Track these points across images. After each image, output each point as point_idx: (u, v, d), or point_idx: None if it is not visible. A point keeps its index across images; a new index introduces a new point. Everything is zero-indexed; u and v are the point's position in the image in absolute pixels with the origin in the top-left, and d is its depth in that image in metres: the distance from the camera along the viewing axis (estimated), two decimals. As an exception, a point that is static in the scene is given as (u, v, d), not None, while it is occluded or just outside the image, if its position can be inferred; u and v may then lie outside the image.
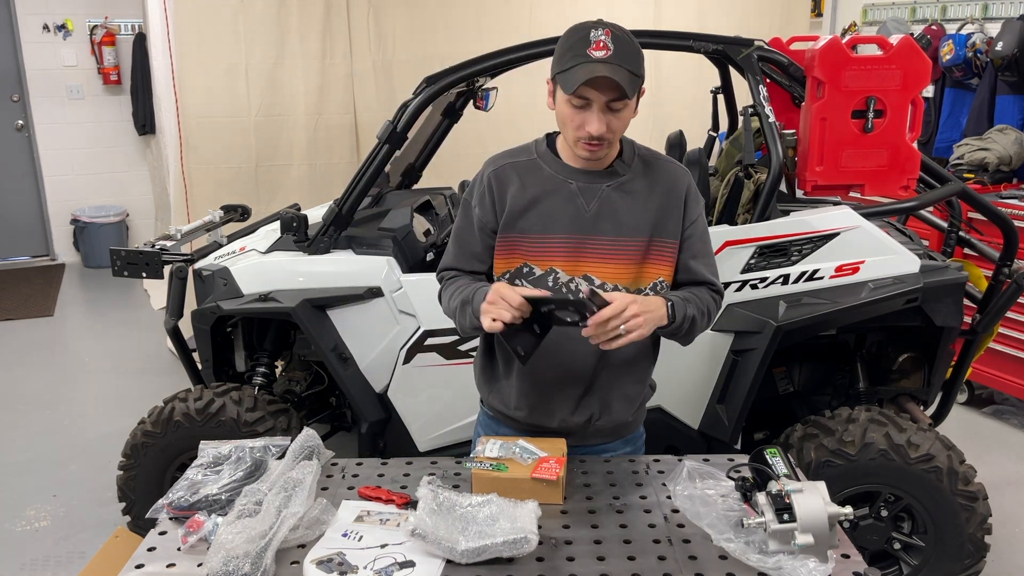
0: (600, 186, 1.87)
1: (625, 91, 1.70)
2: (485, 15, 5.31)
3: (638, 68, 1.74)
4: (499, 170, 1.91)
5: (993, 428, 4.36)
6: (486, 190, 1.91)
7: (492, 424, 2.09)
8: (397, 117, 2.93)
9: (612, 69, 1.70)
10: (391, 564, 1.55)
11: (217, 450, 1.90)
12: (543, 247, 1.87)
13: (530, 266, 1.89)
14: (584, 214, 1.86)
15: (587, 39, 1.73)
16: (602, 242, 1.86)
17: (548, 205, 1.87)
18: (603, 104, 1.74)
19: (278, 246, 3.11)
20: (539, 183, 1.88)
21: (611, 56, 1.71)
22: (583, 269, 1.88)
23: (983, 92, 5.43)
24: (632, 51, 1.74)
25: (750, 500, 1.69)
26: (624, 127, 1.81)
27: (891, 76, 2.70)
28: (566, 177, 1.88)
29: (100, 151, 7.61)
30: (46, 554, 3.30)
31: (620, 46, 1.72)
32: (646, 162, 1.91)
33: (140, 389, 4.77)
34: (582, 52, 1.72)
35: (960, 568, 2.68)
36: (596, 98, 1.73)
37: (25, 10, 7.21)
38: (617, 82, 1.69)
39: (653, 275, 1.90)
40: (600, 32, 1.73)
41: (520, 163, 1.92)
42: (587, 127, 1.76)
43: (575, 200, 1.87)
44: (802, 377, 3.16)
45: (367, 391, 3.01)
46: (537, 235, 1.87)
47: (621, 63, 1.71)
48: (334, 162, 5.19)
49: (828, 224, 2.74)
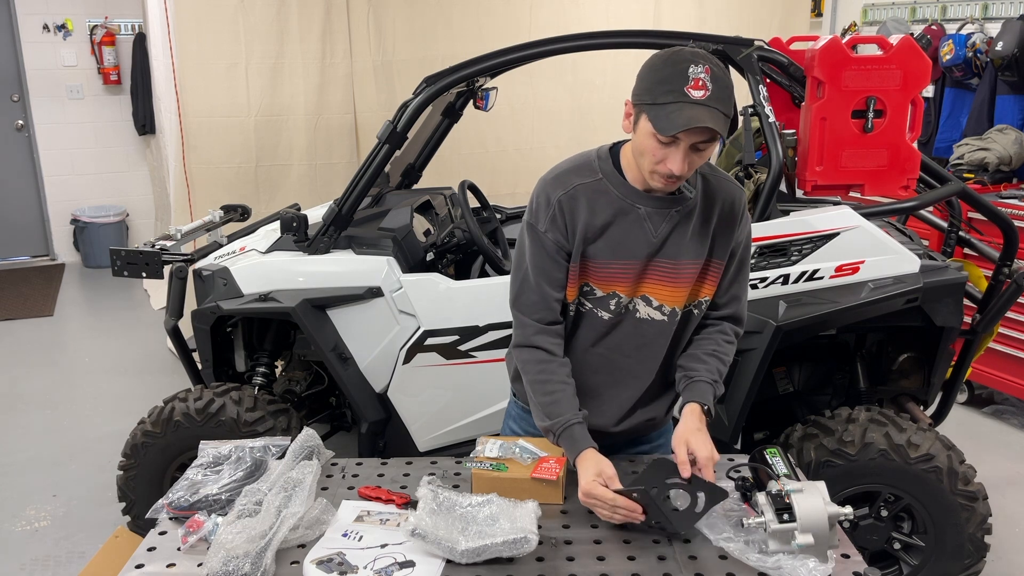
0: (669, 211, 1.81)
1: (721, 136, 1.66)
2: (485, 15, 5.30)
3: (730, 108, 1.68)
4: (569, 192, 1.82)
5: (993, 428, 4.36)
6: (557, 213, 1.81)
7: (526, 415, 2.07)
8: (397, 117, 2.93)
9: (711, 114, 1.62)
10: (391, 564, 1.55)
11: (217, 450, 1.90)
12: (608, 271, 1.85)
13: (591, 286, 1.87)
14: (651, 239, 1.82)
15: (685, 75, 1.63)
16: (664, 265, 1.84)
17: (617, 231, 1.82)
18: (689, 144, 1.67)
19: (278, 246, 3.11)
20: (608, 207, 1.81)
21: (709, 98, 1.62)
22: (642, 291, 1.86)
23: (983, 92, 5.43)
24: (727, 92, 1.66)
25: (750, 500, 1.69)
26: (704, 163, 1.77)
27: (891, 76, 2.70)
28: (634, 201, 1.81)
29: (100, 151, 7.61)
30: (46, 554, 3.30)
31: (717, 86, 1.64)
32: (706, 180, 1.86)
33: (140, 389, 4.77)
34: (679, 89, 1.62)
35: (960, 568, 2.68)
36: (686, 139, 1.66)
37: (25, 10, 7.21)
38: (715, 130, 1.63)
39: (702, 295, 1.91)
40: (700, 69, 1.63)
41: (588, 185, 1.82)
42: (669, 164, 1.68)
43: (643, 225, 1.82)
44: (802, 377, 3.16)
45: (367, 391, 3.01)
46: (603, 260, 1.84)
47: (717, 106, 1.63)
48: (334, 162, 5.19)
49: (828, 224, 2.74)
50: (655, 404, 2.01)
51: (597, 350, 1.92)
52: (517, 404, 2.12)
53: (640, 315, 1.88)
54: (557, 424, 1.81)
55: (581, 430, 1.81)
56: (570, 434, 1.80)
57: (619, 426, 1.98)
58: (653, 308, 1.87)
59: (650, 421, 2.03)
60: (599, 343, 1.91)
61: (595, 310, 1.88)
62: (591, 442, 1.79)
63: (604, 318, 1.88)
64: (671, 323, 1.89)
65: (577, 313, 1.90)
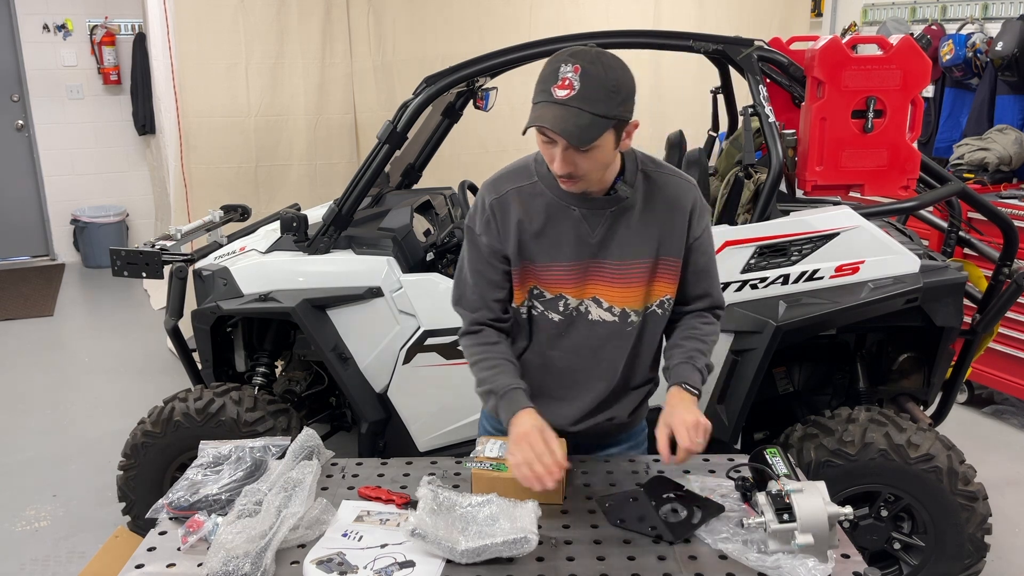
0: (604, 212, 1.81)
1: (573, 144, 1.61)
2: (485, 15, 5.30)
3: (608, 108, 1.61)
4: (502, 198, 1.83)
5: (993, 428, 4.36)
6: (490, 217, 1.84)
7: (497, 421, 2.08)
8: (397, 117, 2.93)
9: (562, 115, 1.59)
10: (391, 564, 1.55)
11: (217, 450, 1.90)
12: (551, 273, 1.85)
13: (539, 288, 1.88)
14: (589, 240, 1.82)
15: (556, 74, 1.61)
16: (608, 266, 1.84)
17: (554, 233, 1.83)
18: (566, 145, 1.64)
19: (278, 246, 3.11)
20: (543, 210, 1.82)
21: (572, 97, 1.59)
22: (590, 293, 1.86)
23: (983, 92, 5.43)
24: (602, 90, 1.61)
25: (750, 500, 1.69)
26: (599, 165, 1.71)
27: (891, 76, 2.70)
28: (569, 203, 1.81)
29: (100, 151, 7.61)
30: (46, 554, 3.29)
31: (587, 84, 1.59)
32: (649, 178, 1.84)
33: (140, 389, 4.77)
34: (547, 88, 1.62)
35: (960, 568, 2.68)
36: (556, 138, 1.64)
37: (25, 10, 7.21)
38: (559, 133, 1.60)
39: (660, 294, 1.89)
40: (569, 68, 1.60)
41: (523, 188, 1.83)
42: (553, 164, 1.69)
43: (579, 226, 1.82)
44: (802, 377, 3.16)
45: (367, 391, 3.01)
46: (544, 263, 1.84)
47: (583, 106, 1.59)
48: (334, 162, 5.19)
49: (828, 224, 2.74)
50: (617, 405, 2.00)
51: (555, 352, 1.92)
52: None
53: (592, 317, 1.88)
54: (499, 386, 1.81)
55: (522, 395, 1.80)
56: (511, 397, 1.79)
57: (577, 426, 1.97)
58: (604, 310, 1.87)
59: (610, 421, 2.01)
60: (556, 345, 1.92)
61: (546, 312, 1.89)
62: (530, 405, 1.79)
63: (555, 320, 1.89)
64: (623, 325, 1.88)
65: (530, 316, 1.91)
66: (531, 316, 1.91)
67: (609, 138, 1.66)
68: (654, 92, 5.74)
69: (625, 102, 1.65)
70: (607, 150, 1.68)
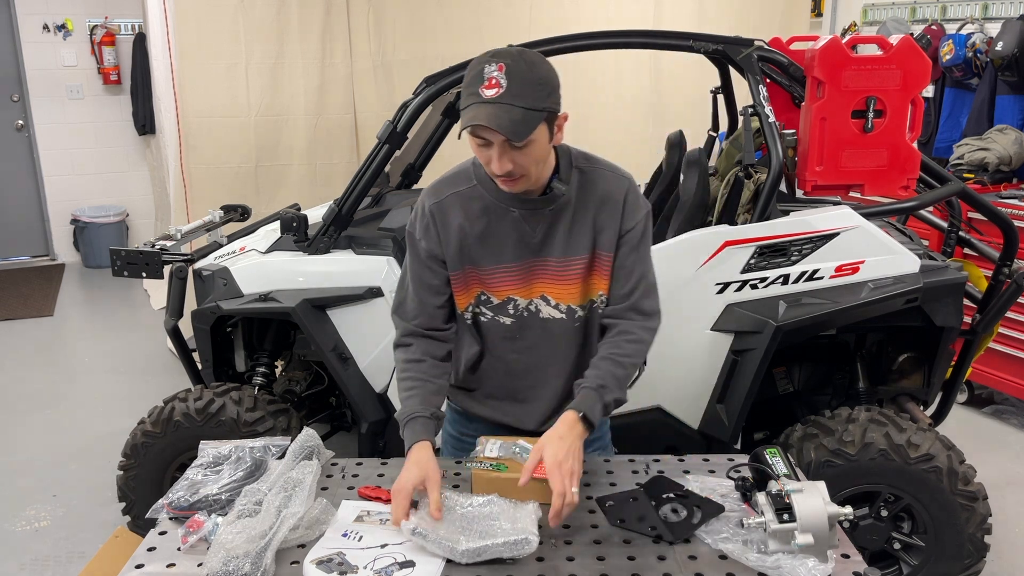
0: (543, 211, 1.83)
1: (510, 138, 1.62)
2: (485, 15, 5.30)
3: (537, 101, 1.64)
4: (441, 202, 1.86)
5: (993, 428, 4.36)
6: (430, 223, 1.86)
7: (462, 419, 2.11)
8: (397, 117, 2.93)
9: (495, 112, 1.61)
10: (391, 564, 1.55)
11: (217, 450, 1.90)
12: (496, 276, 1.87)
13: (487, 294, 1.90)
14: (531, 240, 1.85)
15: (482, 76, 1.64)
16: (551, 264, 1.86)
17: (495, 235, 1.85)
18: (502, 143, 1.66)
19: (278, 246, 3.11)
20: (483, 213, 1.84)
21: (502, 95, 1.62)
22: (538, 291, 1.89)
23: (983, 92, 5.43)
24: (529, 85, 1.64)
25: (750, 500, 1.69)
26: (536, 160, 1.73)
27: (891, 76, 2.70)
28: (507, 205, 1.83)
29: (100, 151, 7.61)
30: (46, 554, 3.29)
31: (514, 80, 1.63)
32: (583, 173, 1.86)
33: (140, 389, 4.77)
34: (475, 91, 1.65)
35: (960, 568, 2.68)
36: (492, 137, 1.66)
37: (25, 10, 7.21)
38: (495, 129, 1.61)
39: (596, 289, 1.90)
40: (493, 68, 1.63)
41: (462, 193, 1.86)
42: (491, 165, 1.70)
43: (520, 227, 1.84)
44: (802, 377, 3.16)
45: (367, 391, 3.01)
46: (489, 266, 1.86)
47: (513, 101, 1.62)
48: (334, 162, 5.19)
49: (828, 224, 2.73)
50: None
51: (512, 355, 1.94)
52: (449, 407, 2.14)
53: (543, 315, 1.90)
54: (402, 414, 1.81)
55: (425, 424, 1.79)
56: (413, 425, 1.79)
57: (545, 426, 1.96)
58: (552, 307, 1.89)
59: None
60: (513, 348, 1.93)
61: (496, 318, 1.90)
62: (431, 436, 1.79)
63: (507, 323, 1.91)
64: (571, 320, 1.91)
65: (477, 322, 1.92)
66: (478, 322, 1.93)
67: (543, 132, 1.69)
68: (654, 92, 5.74)
69: (552, 94, 1.69)
70: (542, 144, 1.71)
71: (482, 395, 2.02)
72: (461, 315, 1.93)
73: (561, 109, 1.74)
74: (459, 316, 1.94)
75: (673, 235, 2.84)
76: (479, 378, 2.00)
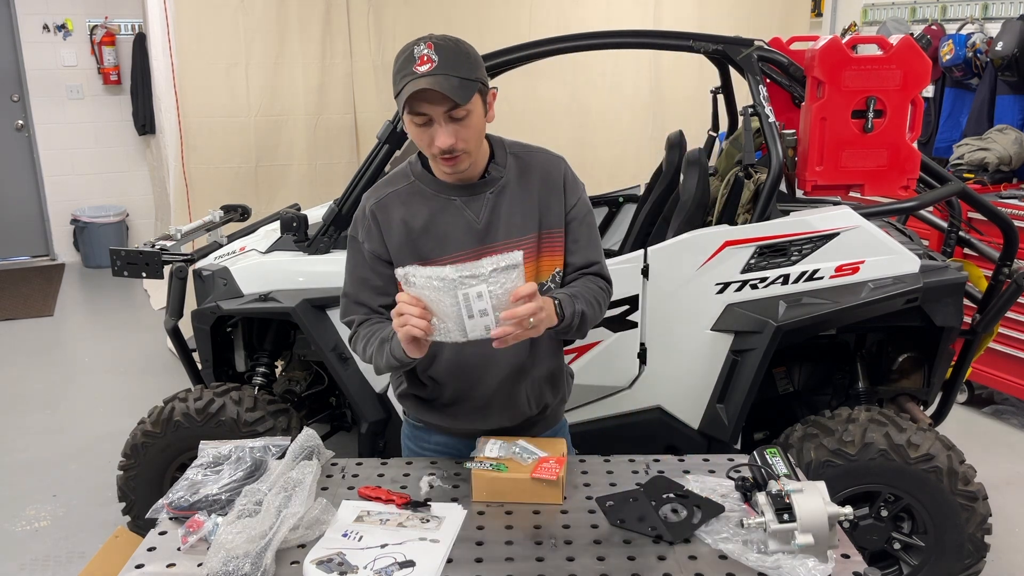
0: (483, 195, 1.87)
1: (455, 99, 1.68)
2: (485, 15, 5.30)
3: (470, 72, 1.72)
4: (381, 201, 1.90)
5: (993, 428, 4.36)
6: (371, 224, 1.89)
7: (421, 434, 2.10)
8: (397, 117, 2.93)
9: (436, 80, 1.68)
10: (391, 564, 1.55)
11: (217, 450, 1.90)
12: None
13: None
14: (475, 226, 1.87)
15: (412, 56, 1.71)
16: (497, 248, 1.86)
17: (439, 226, 1.88)
18: (443, 116, 1.72)
19: (278, 246, 3.11)
20: (425, 206, 1.88)
21: (436, 68, 1.69)
22: None
23: (983, 92, 5.43)
24: (460, 57, 1.72)
25: (750, 500, 1.69)
26: (476, 133, 1.79)
27: (891, 76, 2.70)
28: (448, 195, 1.87)
29: (100, 151, 7.61)
30: (46, 554, 3.30)
31: (445, 55, 1.70)
32: (519, 158, 1.93)
33: (140, 389, 4.77)
34: (408, 71, 1.71)
35: (960, 568, 2.68)
36: (433, 112, 1.72)
37: (25, 10, 7.21)
38: (443, 93, 1.67)
39: (549, 267, 1.93)
40: (423, 47, 1.71)
41: (401, 190, 1.90)
42: (436, 142, 1.74)
43: (463, 214, 1.87)
44: (802, 377, 3.16)
45: (367, 391, 3.01)
46: (437, 258, 1.87)
47: (448, 72, 1.69)
48: (334, 162, 5.19)
49: (828, 224, 2.74)
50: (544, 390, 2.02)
51: (467, 348, 1.88)
52: (408, 423, 2.14)
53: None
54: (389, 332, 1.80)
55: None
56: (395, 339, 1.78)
57: (516, 420, 2.00)
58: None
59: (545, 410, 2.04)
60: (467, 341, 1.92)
61: None
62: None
63: None
64: None
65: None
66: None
67: (479, 104, 1.76)
68: (654, 92, 5.74)
69: (480, 68, 1.77)
70: (479, 116, 1.77)
71: (439, 402, 2.01)
72: None
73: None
74: None
75: (673, 235, 2.84)
76: (432, 378, 1.98)
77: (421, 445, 2.11)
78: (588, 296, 1.89)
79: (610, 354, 2.84)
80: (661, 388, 2.88)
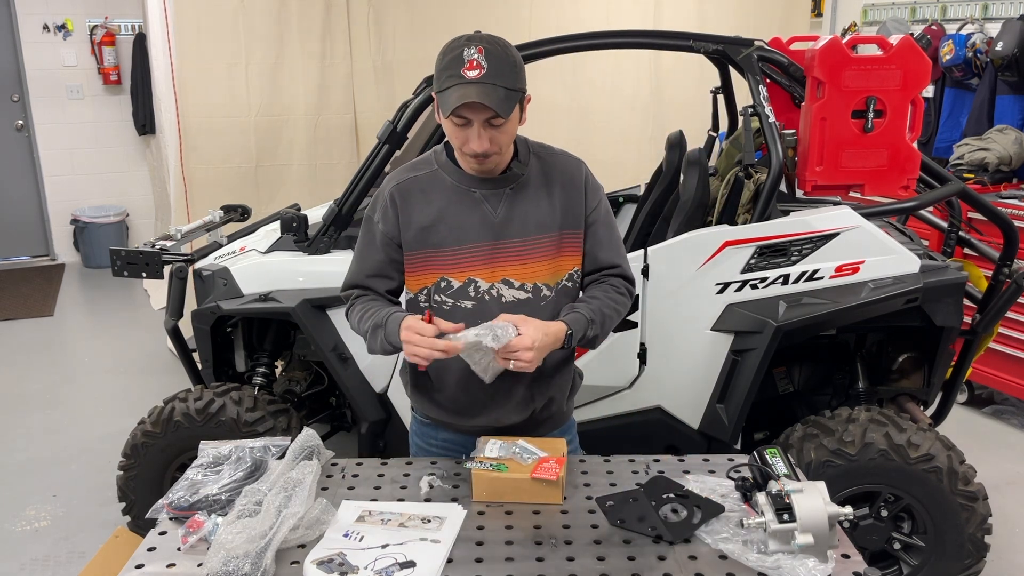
0: (503, 191, 1.90)
1: (499, 112, 1.72)
2: (485, 15, 5.30)
3: (514, 83, 1.75)
4: (402, 185, 1.92)
5: (993, 428, 4.36)
6: (389, 205, 1.92)
7: (428, 431, 2.11)
8: (397, 117, 2.93)
9: (484, 91, 1.70)
10: (391, 564, 1.55)
11: (217, 450, 1.90)
12: (459, 258, 1.90)
13: (448, 279, 1.91)
14: (492, 220, 1.89)
15: (461, 58, 1.73)
16: (514, 244, 1.89)
17: (456, 217, 1.89)
18: (482, 122, 1.75)
19: (278, 246, 3.11)
20: (443, 195, 1.90)
21: (485, 75, 1.71)
22: (501, 273, 1.90)
23: (983, 92, 5.43)
24: (507, 66, 1.74)
25: (750, 500, 1.69)
26: (510, 138, 1.84)
27: (891, 76, 2.70)
28: (468, 186, 1.90)
29: (100, 151, 7.61)
30: (46, 554, 3.29)
31: (494, 63, 1.72)
32: (541, 159, 1.95)
33: (140, 389, 4.77)
34: (456, 72, 1.73)
35: (960, 568, 2.68)
36: (475, 117, 1.74)
37: (25, 10, 7.21)
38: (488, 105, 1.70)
39: (568, 267, 1.96)
40: (473, 50, 1.72)
41: (422, 177, 1.93)
42: (471, 144, 1.77)
43: (481, 207, 1.89)
44: (802, 377, 3.16)
45: (367, 391, 3.01)
46: (451, 248, 1.89)
47: (496, 81, 1.72)
48: (334, 162, 5.19)
49: (828, 224, 2.74)
50: (552, 387, 2.02)
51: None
52: (416, 419, 2.14)
53: (506, 299, 1.91)
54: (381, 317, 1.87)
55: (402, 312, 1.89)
56: (394, 317, 1.85)
57: (522, 415, 2.00)
58: (516, 289, 1.92)
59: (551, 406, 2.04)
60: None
61: (458, 303, 1.92)
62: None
63: (468, 307, 1.91)
64: (538, 300, 1.92)
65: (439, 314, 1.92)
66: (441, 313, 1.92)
67: (516, 111, 1.79)
68: (654, 92, 5.74)
69: (523, 76, 1.81)
70: (515, 123, 1.82)
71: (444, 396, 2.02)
72: (415, 299, 1.95)
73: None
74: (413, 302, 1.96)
75: (673, 235, 2.84)
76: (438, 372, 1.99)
77: (428, 442, 2.11)
78: (605, 308, 1.93)
79: (610, 354, 2.84)
80: (661, 388, 2.88)
